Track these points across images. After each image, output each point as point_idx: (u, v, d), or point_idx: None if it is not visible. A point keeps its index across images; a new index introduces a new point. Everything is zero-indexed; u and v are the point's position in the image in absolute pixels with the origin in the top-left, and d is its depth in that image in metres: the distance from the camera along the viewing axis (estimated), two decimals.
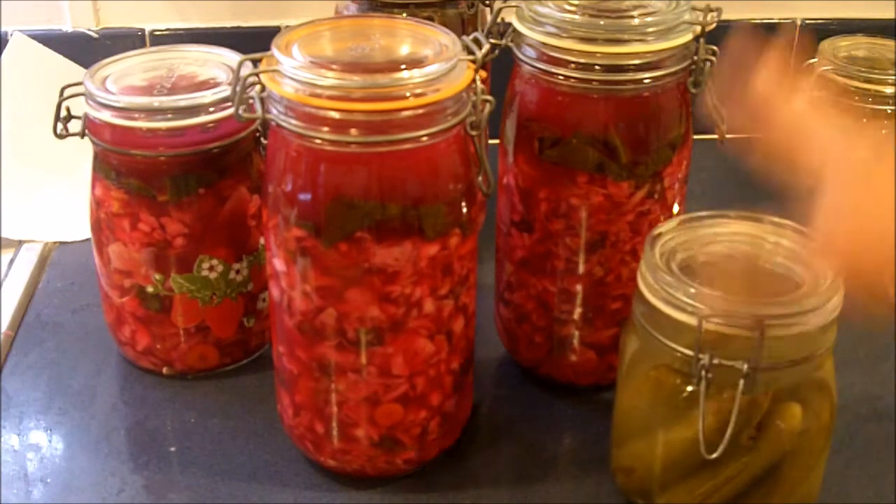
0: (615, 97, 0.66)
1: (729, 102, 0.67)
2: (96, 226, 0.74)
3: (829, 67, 1.08)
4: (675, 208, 0.71)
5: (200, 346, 0.75)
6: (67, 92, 0.72)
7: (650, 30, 0.64)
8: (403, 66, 0.56)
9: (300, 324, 0.62)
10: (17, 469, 0.68)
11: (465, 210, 0.61)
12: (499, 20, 0.68)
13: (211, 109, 0.70)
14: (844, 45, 1.11)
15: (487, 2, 0.87)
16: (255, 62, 0.59)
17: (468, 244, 0.62)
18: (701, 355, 0.56)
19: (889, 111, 1.06)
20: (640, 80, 0.65)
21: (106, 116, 0.70)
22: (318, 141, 0.57)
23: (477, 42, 0.61)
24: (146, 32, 1.05)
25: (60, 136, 0.73)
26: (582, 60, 0.65)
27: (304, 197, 0.58)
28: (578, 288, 0.71)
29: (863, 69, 1.06)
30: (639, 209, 0.69)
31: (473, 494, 0.66)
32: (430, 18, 0.82)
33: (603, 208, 0.68)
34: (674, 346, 0.58)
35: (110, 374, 0.77)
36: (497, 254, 0.76)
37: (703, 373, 0.56)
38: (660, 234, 0.62)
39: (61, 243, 0.93)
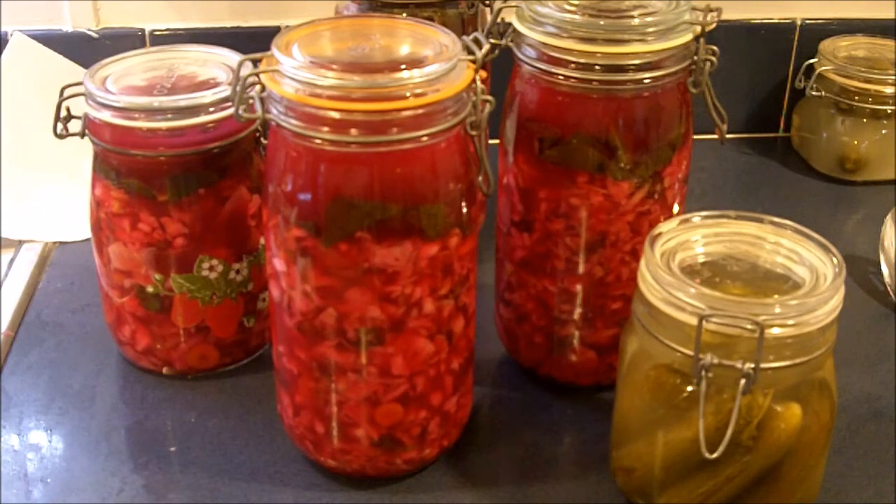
0: (615, 97, 0.66)
1: None
2: (96, 226, 0.74)
3: (829, 67, 1.08)
4: (675, 208, 0.71)
5: (200, 346, 0.75)
6: (67, 92, 0.72)
7: (650, 30, 0.64)
8: (403, 66, 0.56)
9: (300, 324, 0.62)
10: (17, 469, 0.68)
11: (465, 210, 0.61)
12: (499, 20, 0.68)
13: (211, 109, 0.70)
14: (844, 45, 1.12)
15: (487, 2, 0.87)
16: (255, 62, 0.59)
17: (468, 244, 0.62)
18: (701, 355, 0.56)
19: (889, 111, 1.06)
20: (640, 80, 0.65)
21: (106, 116, 0.70)
22: (318, 141, 0.57)
23: (477, 42, 0.61)
24: (146, 32, 1.05)
25: (60, 136, 0.73)
26: (582, 60, 0.65)
27: (304, 197, 0.58)
28: (578, 288, 0.71)
29: (863, 69, 1.06)
30: (639, 209, 0.69)
31: (473, 494, 0.67)
32: (430, 18, 0.82)
33: (603, 208, 0.68)
34: (674, 346, 0.58)
35: (110, 374, 0.77)
36: (497, 254, 0.76)
37: (703, 373, 0.56)
38: (660, 234, 0.62)
39: (61, 243, 0.93)
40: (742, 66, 1.15)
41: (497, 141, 0.74)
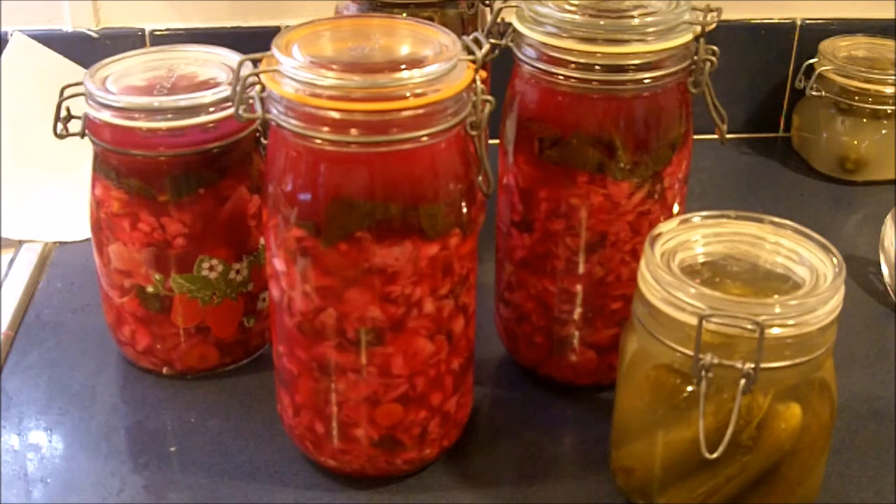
0: (615, 97, 0.66)
1: None
2: (96, 226, 0.74)
3: (829, 67, 1.08)
4: (675, 208, 0.71)
5: (200, 346, 0.75)
6: (67, 92, 0.72)
7: (650, 30, 0.64)
8: (403, 66, 0.56)
9: (300, 324, 0.62)
10: (17, 469, 0.68)
11: (465, 210, 0.61)
12: (499, 20, 0.68)
13: (211, 109, 0.70)
14: (844, 45, 1.12)
15: (487, 2, 0.87)
16: (255, 62, 0.59)
17: (468, 244, 0.62)
18: (701, 355, 0.56)
19: (889, 111, 1.06)
20: (640, 80, 0.65)
21: (106, 116, 0.70)
22: (318, 141, 0.57)
23: (477, 42, 0.61)
24: (146, 32, 1.05)
25: (60, 136, 0.73)
26: (582, 60, 0.65)
27: (304, 197, 0.58)
28: (578, 288, 0.71)
29: (863, 69, 1.06)
30: (639, 209, 0.69)
31: (473, 494, 0.67)
32: (430, 18, 0.82)
33: (603, 208, 0.68)
34: (674, 346, 0.58)
35: (110, 374, 0.77)
36: (497, 254, 0.76)
37: (703, 373, 0.56)
38: (660, 234, 0.62)
39: (61, 243, 0.93)
40: (742, 66, 1.15)
41: (497, 141, 0.74)
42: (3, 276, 0.88)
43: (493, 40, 0.67)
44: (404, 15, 0.82)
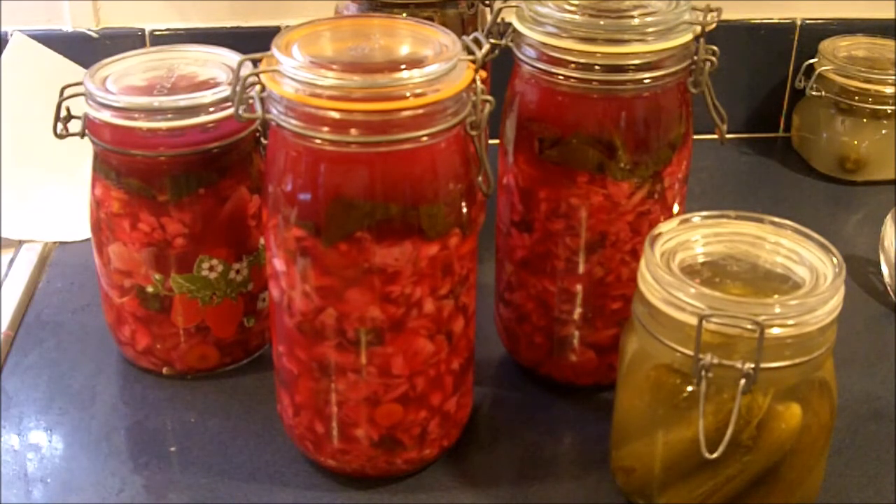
0: (615, 97, 0.66)
1: None
2: (96, 226, 0.74)
3: (829, 67, 1.08)
4: (675, 208, 0.71)
5: (200, 346, 0.75)
6: (67, 92, 0.72)
7: (650, 30, 0.64)
8: (403, 66, 0.57)
9: (300, 324, 0.62)
10: (17, 469, 0.68)
11: (465, 210, 0.61)
12: (499, 20, 0.68)
13: (211, 109, 0.70)
14: (844, 45, 1.12)
15: (487, 2, 0.87)
16: (255, 62, 0.59)
17: (468, 244, 0.62)
18: (701, 355, 0.56)
19: (889, 111, 1.06)
20: (640, 80, 0.65)
21: (106, 116, 0.70)
22: (318, 141, 0.57)
23: (477, 42, 0.61)
24: (146, 32, 1.05)
25: (60, 136, 0.73)
26: (582, 60, 0.65)
27: (304, 197, 0.58)
28: (578, 288, 0.71)
29: (863, 69, 1.06)
30: (639, 209, 0.69)
31: (473, 494, 0.67)
32: (430, 18, 0.82)
33: (603, 208, 0.68)
34: (674, 346, 0.58)
35: (110, 374, 0.77)
36: (497, 254, 0.76)
37: (703, 373, 0.56)
38: (660, 234, 0.62)
39: (61, 243, 0.93)
40: (742, 66, 1.15)
41: (497, 141, 0.74)
42: (3, 276, 0.88)
43: (493, 40, 0.67)
44: (404, 15, 0.82)
